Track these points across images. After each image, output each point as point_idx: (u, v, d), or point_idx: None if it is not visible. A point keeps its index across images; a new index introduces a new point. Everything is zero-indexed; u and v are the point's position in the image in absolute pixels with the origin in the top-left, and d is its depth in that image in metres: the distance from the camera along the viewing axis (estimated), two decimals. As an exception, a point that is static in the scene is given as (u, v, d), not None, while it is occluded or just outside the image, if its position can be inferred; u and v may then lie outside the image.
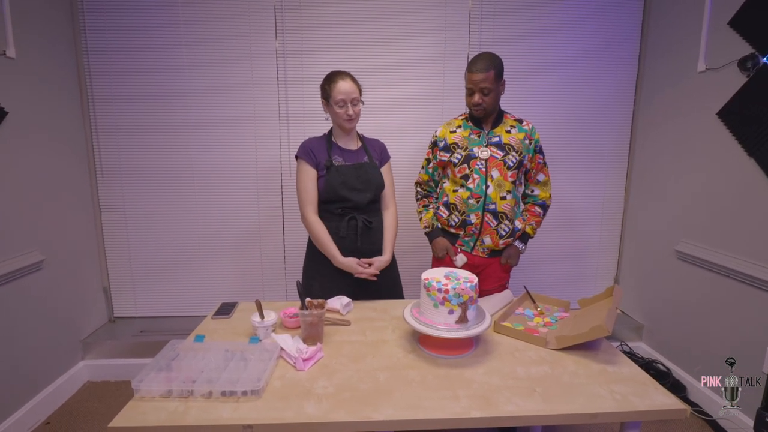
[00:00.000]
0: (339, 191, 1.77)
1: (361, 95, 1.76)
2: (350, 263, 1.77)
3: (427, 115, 2.62)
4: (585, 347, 1.40)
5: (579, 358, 1.35)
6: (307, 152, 1.80)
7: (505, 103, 1.93)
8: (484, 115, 1.85)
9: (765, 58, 1.88)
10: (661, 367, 2.47)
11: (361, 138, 1.90)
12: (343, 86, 1.70)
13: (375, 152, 1.88)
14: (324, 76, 1.78)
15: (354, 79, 1.75)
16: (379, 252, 1.85)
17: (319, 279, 1.85)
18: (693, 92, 2.29)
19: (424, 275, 1.39)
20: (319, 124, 2.52)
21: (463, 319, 1.31)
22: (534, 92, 2.65)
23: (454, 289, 1.29)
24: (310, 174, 1.79)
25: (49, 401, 2.19)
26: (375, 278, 1.79)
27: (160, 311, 2.76)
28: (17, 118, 2.01)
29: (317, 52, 2.54)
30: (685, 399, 2.30)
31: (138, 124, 2.54)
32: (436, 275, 1.38)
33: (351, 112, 1.74)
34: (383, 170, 1.88)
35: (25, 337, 2.06)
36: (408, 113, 2.62)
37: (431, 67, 2.60)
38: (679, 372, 2.39)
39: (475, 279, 1.37)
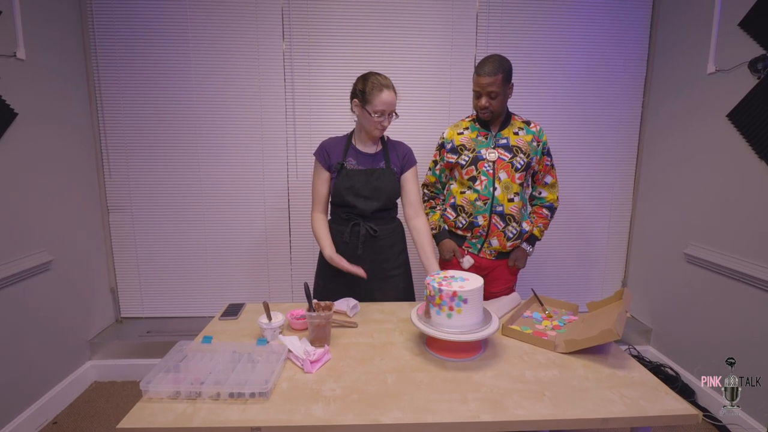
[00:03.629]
0: (345, 196, 1.74)
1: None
2: (335, 257, 1.70)
3: (434, 117, 2.61)
4: (594, 351, 1.38)
5: (588, 362, 1.33)
6: (322, 152, 1.80)
7: (512, 105, 1.92)
8: (491, 119, 1.84)
9: (776, 60, 1.86)
10: (670, 372, 2.45)
11: (385, 142, 1.83)
12: (388, 97, 1.65)
13: (396, 158, 1.81)
14: (360, 76, 1.70)
15: (395, 90, 1.68)
16: (386, 261, 1.81)
17: (327, 281, 1.85)
18: (702, 94, 2.27)
19: (427, 278, 1.40)
20: (327, 126, 2.55)
21: (427, 313, 1.35)
22: (541, 94, 2.64)
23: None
24: (320, 174, 1.81)
25: (56, 401, 2.20)
26: (365, 276, 1.71)
27: (166, 312, 2.77)
28: (27, 119, 2.02)
29: (324, 54, 2.54)
30: (695, 403, 2.28)
31: (146, 126, 2.56)
32: (437, 278, 1.39)
33: (387, 123, 1.70)
34: (407, 177, 1.81)
35: (32, 337, 2.07)
36: (415, 115, 2.61)
37: (438, 68, 2.60)
38: (687, 376, 2.37)
39: (480, 281, 1.37)
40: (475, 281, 1.36)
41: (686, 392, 2.31)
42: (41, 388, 2.14)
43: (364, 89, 1.67)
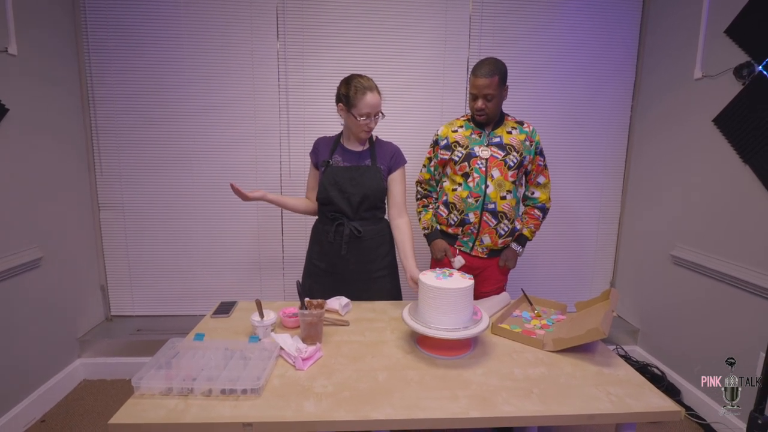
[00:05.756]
0: (329, 192, 1.76)
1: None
2: (249, 192, 1.78)
3: (427, 118, 2.63)
4: (581, 350, 1.41)
5: (575, 360, 1.36)
6: (314, 150, 1.86)
7: (504, 107, 1.95)
8: (486, 121, 1.87)
9: (760, 67, 1.90)
10: (656, 371, 2.49)
11: (373, 141, 1.84)
12: (372, 100, 1.65)
13: (383, 157, 1.81)
14: (343, 80, 1.71)
15: (379, 91, 1.69)
16: (371, 263, 1.83)
17: (314, 280, 1.87)
18: (690, 99, 2.31)
19: (420, 276, 1.41)
20: (320, 125, 2.56)
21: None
22: (532, 97, 2.68)
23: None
24: (312, 171, 1.89)
25: (44, 399, 2.18)
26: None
27: (157, 310, 2.75)
28: (18, 115, 2.01)
29: (319, 54, 2.55)
30: (680, 402, 2.32)
31: (138, 123, 2.55)
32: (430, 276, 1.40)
33: (373, 125, 1.72)
34: (394, 177, 1.82)
35: (21, 335, 2.06)
36: (407, 116, 2.63)
37: (431, 70, 2.62)
38: (673, 376, 2.41)
39: (469, 281, 1.39)
40: (464, 281, 1.38)
41: (672, 391, 2.35)
42: (30, 386, 2.12)
43: (348, 93, 1.67)
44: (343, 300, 1.69)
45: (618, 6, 2.63)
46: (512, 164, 1.85)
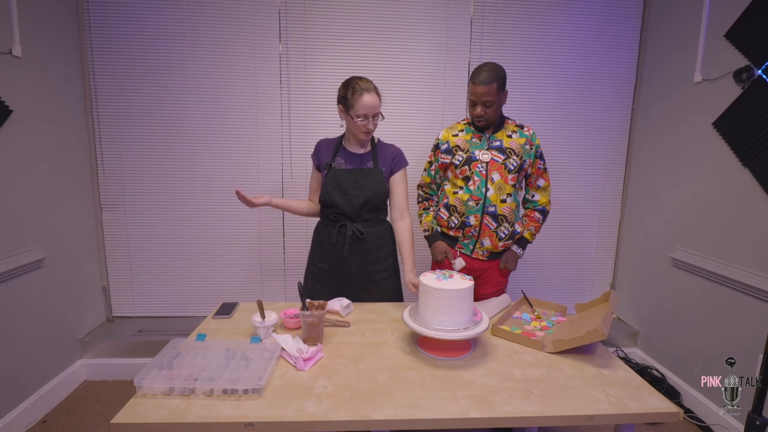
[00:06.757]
0: (331, 194, 1.77)
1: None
2: (256, 198, 1.71)
3: (428, 122, 2.65)
4: (581, 351, 1.42)
5: (575, 362, 1.37)
6: (315, 152, 1.87)
7: (505, 110, 1.96)
8: (486, 126, 1.88)
9: (760, 71, 1.91)
10: (656, 373, 2.49)
11: (375, 143, 1.85)
12: (369, 101, 1.66)
13: (385, 159, 1.82)
14: (343, 82, 1.72)
15: (378, 92, 1.70)
16: (373, 264, 1.84)
17: (316, 281, 1.87)
18: (689, 102, 2.32)
19: (421, 277, 1.42)
20: (322, 127, 2.57)
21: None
22: (533, 100, 2.69)
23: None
24: (314, 173, 1.89)
25: (46, 400, 2.19)
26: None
27: (158, 311, 2.76)
28: (21, 116, 2.02)
29: (320, 57, 2.57)
30: (679, 404, 2.32)
31: (140, 124, 2.56)
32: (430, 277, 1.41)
33: (371, 126, 1.72)
34: (395, 178, 1.83)
35: (23, 336, 2.07)
36: (409, 119, 2.64)
37: (433, 73, 2.63)
38: (673, 378, 2.41)
39: (469, 282, 1.39)
40: (465, 282, 1.39)
41: (672, 394, 2.35)
42: (31, 387, 2.13)
43: (346, 95, 1.68)
44: (344, 301, 1.70)
45: (618, 9, 2.65)
46: (512, 168, 1.86)
